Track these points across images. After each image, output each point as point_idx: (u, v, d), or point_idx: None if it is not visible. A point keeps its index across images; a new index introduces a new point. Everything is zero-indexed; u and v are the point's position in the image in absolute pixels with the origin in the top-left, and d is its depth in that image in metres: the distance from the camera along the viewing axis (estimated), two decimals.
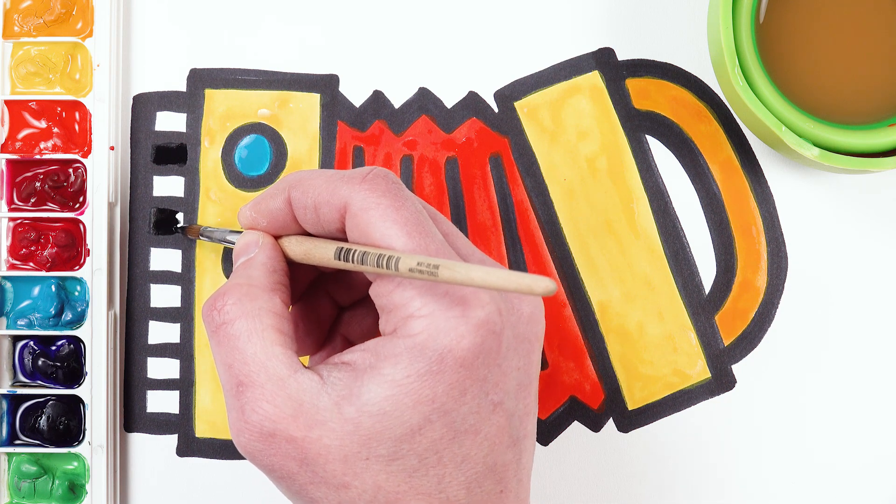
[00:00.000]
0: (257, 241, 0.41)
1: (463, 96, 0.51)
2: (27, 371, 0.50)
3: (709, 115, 0.51)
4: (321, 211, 0.39)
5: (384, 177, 0.38)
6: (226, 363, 0.37)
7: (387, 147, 0.51)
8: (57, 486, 0.50)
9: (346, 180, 0.38)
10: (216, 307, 0.38)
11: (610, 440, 0.51)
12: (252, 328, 0.37)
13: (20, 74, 0.50)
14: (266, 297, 0.38)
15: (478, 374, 0.36)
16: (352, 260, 0.37)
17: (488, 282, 0.33)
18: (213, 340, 0.38)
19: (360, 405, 0.35)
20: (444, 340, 0.35)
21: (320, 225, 0.39)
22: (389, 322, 0.37)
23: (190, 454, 0.51)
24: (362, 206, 0.37)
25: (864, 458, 0.51)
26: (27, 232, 0.50)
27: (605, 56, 0.51)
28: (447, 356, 0.35)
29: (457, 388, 0.35)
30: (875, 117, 0.47)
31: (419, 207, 0.38)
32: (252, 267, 0.40)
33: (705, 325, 0.51)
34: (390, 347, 0.36)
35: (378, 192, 0.37)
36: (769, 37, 0.47)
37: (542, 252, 0.51)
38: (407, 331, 0.36)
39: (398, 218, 0.37)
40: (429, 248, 0.36)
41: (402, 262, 0.35)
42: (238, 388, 0.37)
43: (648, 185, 0.51)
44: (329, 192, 0.38)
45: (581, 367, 0.51)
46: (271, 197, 0.41)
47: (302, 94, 0.51)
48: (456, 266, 0.34)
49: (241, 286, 0.38)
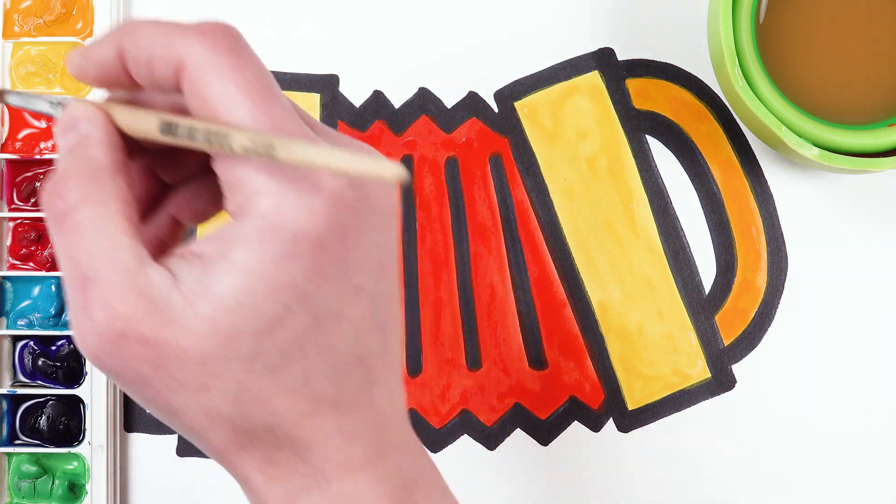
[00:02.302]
0: (87, 114, 0.35)
1: (463, 96, 0.51)
2: (27, 371, 0.50)
3: (709, 115, 0.51)
4: (155, 67, 0.34)
5: (226, 31, 0.34)
6: (70, 255, 0.33)
7: (387, 147, 0.51)
8: (57, 486, 0.50)
9: (182, 34, 0.33)
10: (58, 193, 0.33)
11: (610, 440, 0.51)
12: (98, 216, 0.33)
13: (20, 74, 0.50)
14: (111, 180, 0.34)
15: (336, 253, 0.32)
16: (178, 135, 0.33)
17: (331, 164, 0.30)
18: (55, 230, 0.33)
19: (214, 300, 0.32)
20: (297, 218, 0.31)
21: (155, 83, 0.34)
22: (233, 201, 0.33)
23: (190, 454, 0.51)
24: (200, 64, 0.33)
25: (864, 458, 0.51)
26: (27, 232, 0.50)
27: (605, 56, 0.51)
28: (301, 236, 0.32)
29: (315, 270, 0.32)
30: (875, 117, 0.47)
31: (263, 68, 0.34)
32: (89, 146, 0.34)
33: (705, 325, 0.51)
34: (238, 232, 0.32)
35: (218, 48, 0.33)
36: (769, 37, 0.47)
37: (542, 252, 0.51)
38: (254, 211, 0.32)
39: (239, 79, 0.32)
40: (274, 115, 0.32)
41: (233, 138, 0.31)
42: (84, 284, 0.32)
43: (648, 185, 0.51)
44: (163, 46, 0.33)
45: (581, 367, 0.51)
46: (100, 44, 0.35)
47: (302, 94, 0.51)
48: (294, 145, 0.30)
49: (84, 170, 0.34)
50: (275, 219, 0.32)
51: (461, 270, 0.51)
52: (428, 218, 0.51)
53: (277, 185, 0.32)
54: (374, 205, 0.34)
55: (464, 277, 0.51)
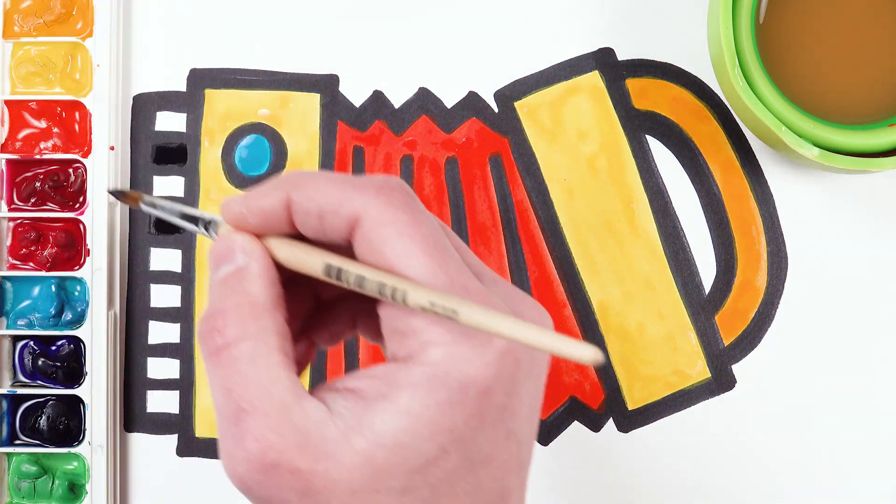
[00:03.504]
0: (245, 246, 0.36)
1: (463, 96, 0.51)
2: (27, 371, 0.50)
3: (709, 115, 0.51)
4: (327, 220, 0.35)
5: (401, 188, 0.35)
6: (225, 387, 0.34)
7: (387, 147, 0.51)
8: (57, 486, 0.50)
9: (359, 189, 0.34)
10: (216, 328, 0.35)
11: (610, 440, 0.51)
12: (256, 351, 0.34)
13: (20, 74, 0.50)
14: (269, 315, 0.35)
15: (497, 402, 0.34)
16: (346, 281, 0.34)
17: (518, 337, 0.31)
18: (211, 363, 0.35)
19: (372, 437, 0.33)
20: (468, 369, 0.33)
21: (322, 233, 0.35)
22: (403, 347, 0.34)
23: (190, 454, 0.51)
24: (378, 220, 0.34)
25: (864, 457, 0.51)
26: (27, 232, 0.50)
27: (605, 56, 0.51)
28: (470, 386, 0.33)
29: (476, 417, 0.34)
30: (875, 117, 0.47)
31: (436, 224, 0.35)
32: (248, 280, 0.36)
33: (705, 325, 0.51)
34: (406, 376, 0.33)
35: (396, 205, 0.34)
36: (769, 37, 0.47)
37: (542, 252, 0.51)
38: (426, 359, 0.33)
39: (416, 235, 0.34)
40: (449, 270, 0.34)
41: (410, 296, 0.32)
42: (238, 415, 0.34)
43: (648, 185, 0.51)
44: (339, 201, 0.34)
45: (581, 367, 0.51)
46: (266, 195, 0.36)
47: (302, 94, 0.51)
48: (477, 312, 0.32)
49: (243, 304, 0.35)
50: (446, 368, 0.33)
51: None
52: None
53: (451, 336, 0.33)
54: (535, 356, 0.36)
55: None
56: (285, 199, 0.36)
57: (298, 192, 0.35)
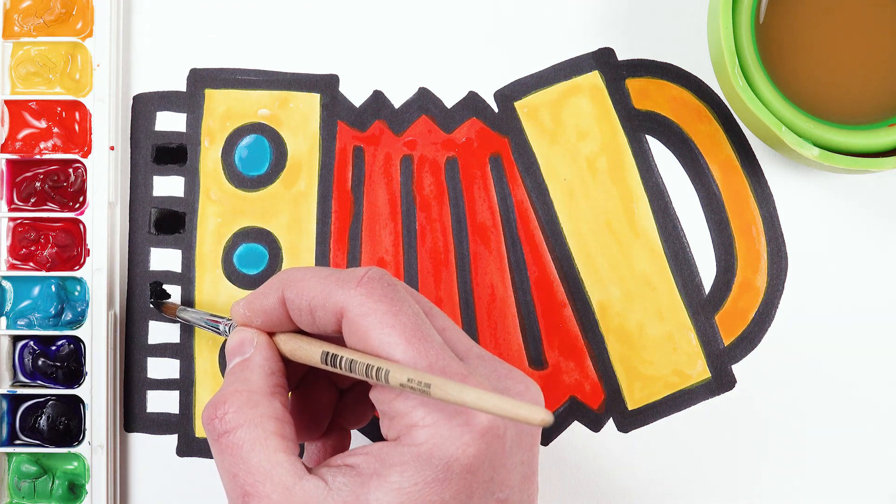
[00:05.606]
0: (252, 339, 0.40)
1: (463, 96, 0.51)
2: (27, 371, 0.50)
3: (709, 115, 0.51)
4: (316, 314, 0.38)
5: (380, 279, 0.38)
6: (230, 472, 0.37)
7: (387, 147, 0.51)
8: (57, 486, 0.50)
9: (341, 283, 0.38)
10: (217, 415, 0.38)
11: (610, 440, 0.51)
12: (255, 436, 0.37)
13: (20, 74, 0.50)
14: (266, 402, 0.38)
15: (484, 476, 0.36)
16: (339, 366, 0.37)
17: (479, 405, 0.34)
18: (216, 448, 0.38)
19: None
20: (450, 449, 0.35)
21: (316, 326, 0.39)
22: (392, 428, 0.37)
23: (190, 454, 0.51)
24: (359, 311, 0.37)
25: (864, 458, 0.51)
26: (27, 232, 0.50)
27: (605, 56, 0.51)
28: (454, 464, 0.35)
29: (464, 492, 0.36)
30: (875, 117, 0.47)
31: (416, 310, 0.38)
32: (249, 370, 0.39)
33: (705, 325, 0.51)
34: (396, 455, 0.36)
35: (375, 296, 0.37)
36: (769, 37, 0.47)
37: (542, 252, 0.51)
38: (412, 439, 0.36)
39: (396, 324, 0.37)
40: (429, 355, 0.36)
41: (391, 375, 0.35)
42: (244, 499, 0.37)
43: (648, 185, 0.51)
44: (324, 296, 0.38)
45: (581, 367, 0.51)
46: (264, 296, 0.40)
47: (302, 94, 0.51)
48: (448, 386, 0.34)
49: (241, 392, 0.38)
50: (429, 448, 0.36)
51: (461, 270, 0.51)
52: (428, 218, 0.51)
53: (433, 418, 0.36)
54: (522, 428, 0.38)
55: (464, 277, 0.51)
56: (281, 297, 0.39)
57: (290, 289, 0.39)
